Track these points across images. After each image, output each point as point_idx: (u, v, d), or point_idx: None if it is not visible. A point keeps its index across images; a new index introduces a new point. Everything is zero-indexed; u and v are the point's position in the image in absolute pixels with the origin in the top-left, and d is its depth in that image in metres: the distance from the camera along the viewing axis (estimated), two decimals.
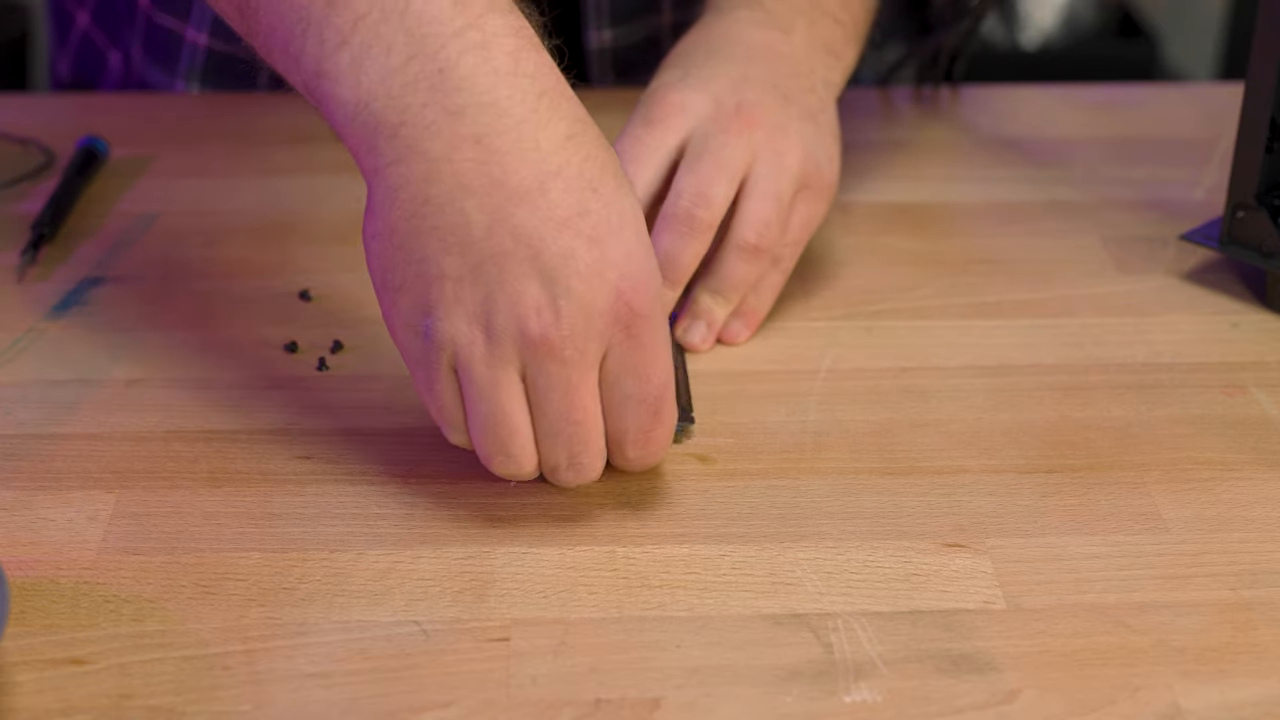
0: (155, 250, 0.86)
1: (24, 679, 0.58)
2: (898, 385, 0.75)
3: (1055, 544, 0.65)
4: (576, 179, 0.60)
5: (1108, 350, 0.78)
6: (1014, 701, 0.57)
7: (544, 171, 0.59)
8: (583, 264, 0.59)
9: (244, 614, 0.61)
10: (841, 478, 0.69)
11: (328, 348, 0.77)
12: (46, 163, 0.95)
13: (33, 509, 0.66)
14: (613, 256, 0.60)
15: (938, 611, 0.61)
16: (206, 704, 0.57)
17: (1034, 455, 0.70)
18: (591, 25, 1.01)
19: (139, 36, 1.07)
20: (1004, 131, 1.01)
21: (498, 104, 0.59)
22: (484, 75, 0.59)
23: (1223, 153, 0.96)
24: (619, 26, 1.02)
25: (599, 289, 0.60)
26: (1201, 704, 0.57)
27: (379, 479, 0.68)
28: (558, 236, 0.59)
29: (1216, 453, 0.71)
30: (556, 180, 0.59)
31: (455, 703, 0.57)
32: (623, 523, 0.66)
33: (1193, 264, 0.85)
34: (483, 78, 0.59)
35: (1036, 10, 2.19)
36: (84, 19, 1.11)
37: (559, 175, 0.59)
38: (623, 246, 0.60)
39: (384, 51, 0.59)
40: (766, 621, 0.61)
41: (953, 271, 0.85)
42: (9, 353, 0.77)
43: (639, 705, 0.57)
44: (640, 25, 1.04)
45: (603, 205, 0.60)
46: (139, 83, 1.08)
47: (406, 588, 0.62)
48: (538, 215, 0.59)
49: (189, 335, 0.78)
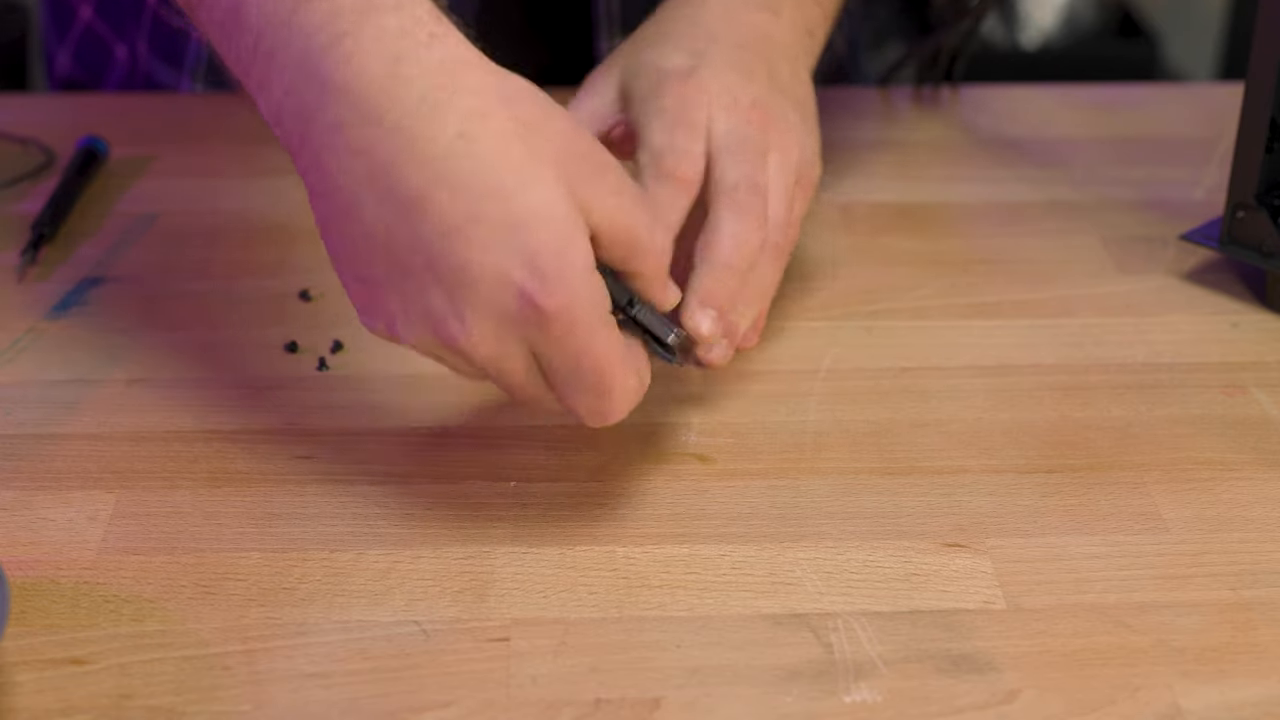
0: (155, 250, 0.86)
1: (24, 679, 0.58)
2: (898, 385, 0.75)
3: (1055, 544, 0.65)
4: (467, 182, 0.57)
5: (1108, 350, 0.78)
6: (1014, 701, 0.57)
7: (427, 179, 0.57)
8: (479, 272, 0.57)
9: (244, 614, 0.61)
10: (841, 478, 0.69)
11: (328, 348, 0.77)
12: (46, 163, 0.95)
13: (33, 509, 0.66)
14: (515, 259, 0.57)
15: (938, 611, 0.61)
16: (206, 704, 0.57)
17: (1034, 455, 0.70)
18: (603, 34, 1.01)
19: (145, 32, 1.07)
20: (1004, 131, 1.01)
21: (374, 113, 0.57)
22: (360, 86, 0.57)
23: (1223, 153, 0.96)
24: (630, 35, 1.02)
25: (502, 294, 0.57)
26: (1201, 704, 0.57)
27: (379, 479, 0.68)
28: (450, 247, 0.57)
29: (1216, 453, 0.71)
30: (441, 188, 0.57)
31: (455, 703, 0.57)
32: (623, 523, 0.66)
33: (1193, 264, 0.85)
34: (359, 89, 0.57)
35: (1036, 10, 2.19)
36: (87, 12, 1.10)
37: (444, 182, 0.57)
38: (528, 245, 0.57)
39: (278, 71, 0.59)
40: (766, 621, 0.61)
41: (953, 271, 0.85)
42: (9, 353, 0.77)
43: (639, 705, 0.57)
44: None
45: (499, 206, 0.57)
46: (145, 77, 1.08)
47: (406, 588, 0.62)
48: (427, 225, 0.57)
49: (189, 335, 0.78)
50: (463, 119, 0.57)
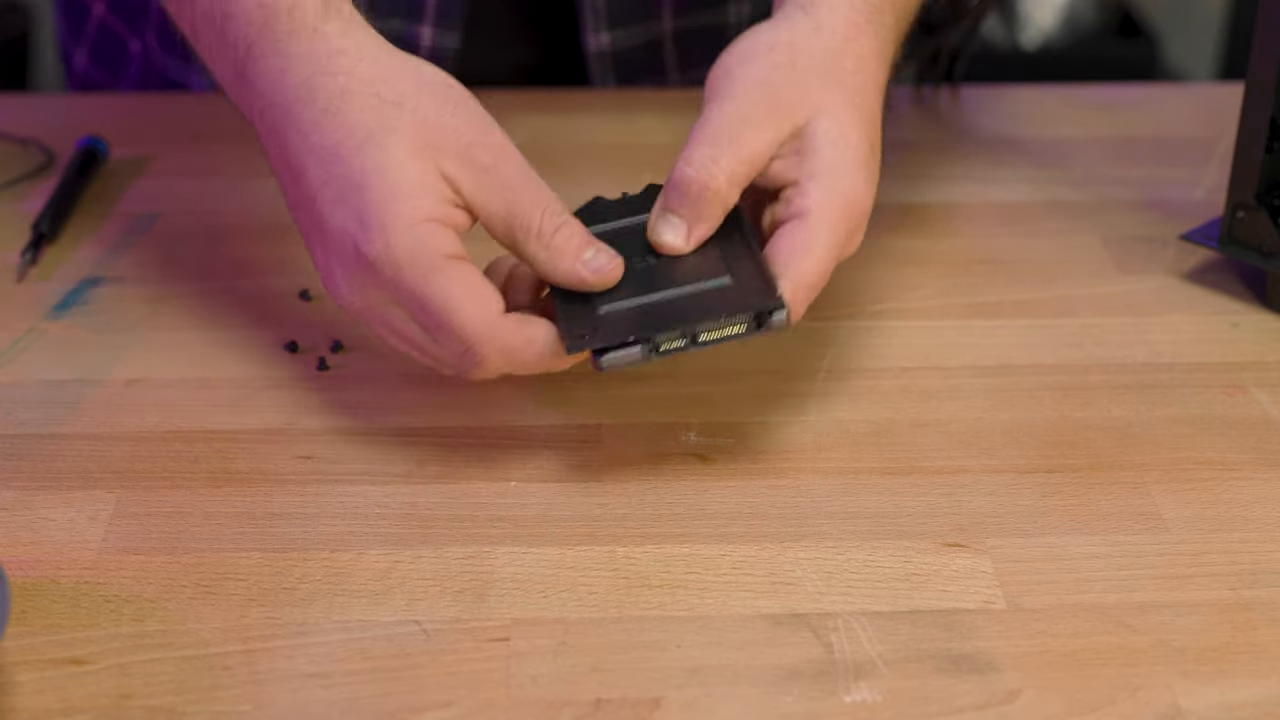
0: (155, 250, 0.86)
1: (24, 679, 0.58)
2: (898, 385, 0.75)
3: (1055, 544, 0.65)
4: (326, 150, 0.64)
5: (1108, 350, 0.78)
6: (1014, 701, 0.57)
7: (301, 150, 0.65)
8: (330, 228, 0.64)
9: (244, 614, 0.61)
10: (841, 478, 0.69)
11: (328, 348, 0.77)
12: (47, 163, 0.95)
13: (33, 509, 0.66)
14: (351, 215, 0.63)
15: (938, 611, 0.61)
16: (207, 704, 0.57)
17: (1034, 455, 0.70)
18: (589, 28, 1.01)
19: (153, 27, 1.07)
20: (1004, 131, 1.01)
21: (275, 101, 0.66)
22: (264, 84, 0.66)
23: (1223, 153, 0.96)
24: (618, 29, 1.02)
25: (345, 247, 0.64)
26: (1201, 704, 0.57)
27: (379, 479, 0.68)
28: (317, 208, 0.65)
29: (1216, 453, 0.71)
30: (309, 156, 0.65)
31: (455, 702, 0.57)
32: (623, 523, 0.66)
33: (1193, 264, 0.85)
34: (263, 86, 0.66)
35: (1036, 10, 2.19)
36: (100, 8, 1.10)
37: (311, 151, 0.65)
38: (361, 201, 0.63)
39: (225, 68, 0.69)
40: (766, 621, 0.61)
41: (953, 271, 0.85)
42: (10, 353, 0.77)
43: (639, 705, 0.57)
44: (640, 29, 1.03)
45: (344, 168, 0.64)
46: (159, 72, 1.09)
47: (407, 587, 0.62)
48: (304, 190, 0.65)
49: (189, 335, 0.78)
50: (329, 98, 0.65)
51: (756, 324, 0.64)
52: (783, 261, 0.66)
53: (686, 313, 0.64)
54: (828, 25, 0.71)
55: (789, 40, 0.70)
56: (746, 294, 0.64)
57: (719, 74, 0.70)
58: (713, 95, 0.69)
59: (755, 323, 0.64)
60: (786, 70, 0.69)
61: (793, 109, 0.68)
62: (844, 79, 0.70)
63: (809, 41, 0.70)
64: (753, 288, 0.64)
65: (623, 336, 0.63)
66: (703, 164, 0.66)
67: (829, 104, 0.69)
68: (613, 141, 0.98)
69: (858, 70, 0.71)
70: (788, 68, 0.69)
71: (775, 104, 0.68)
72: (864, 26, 0.72)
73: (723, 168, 0.66)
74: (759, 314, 0.64)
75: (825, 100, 0.69)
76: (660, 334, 0.63)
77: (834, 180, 0.68)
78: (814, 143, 0.68)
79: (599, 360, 0.64)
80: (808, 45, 0.70)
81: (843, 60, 0.70)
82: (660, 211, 0.67)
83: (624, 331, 0.63)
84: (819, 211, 0.67)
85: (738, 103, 0.68)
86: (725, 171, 0.66)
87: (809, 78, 0.69)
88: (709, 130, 0.67)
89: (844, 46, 0.71)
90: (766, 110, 0.68)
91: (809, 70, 0.69)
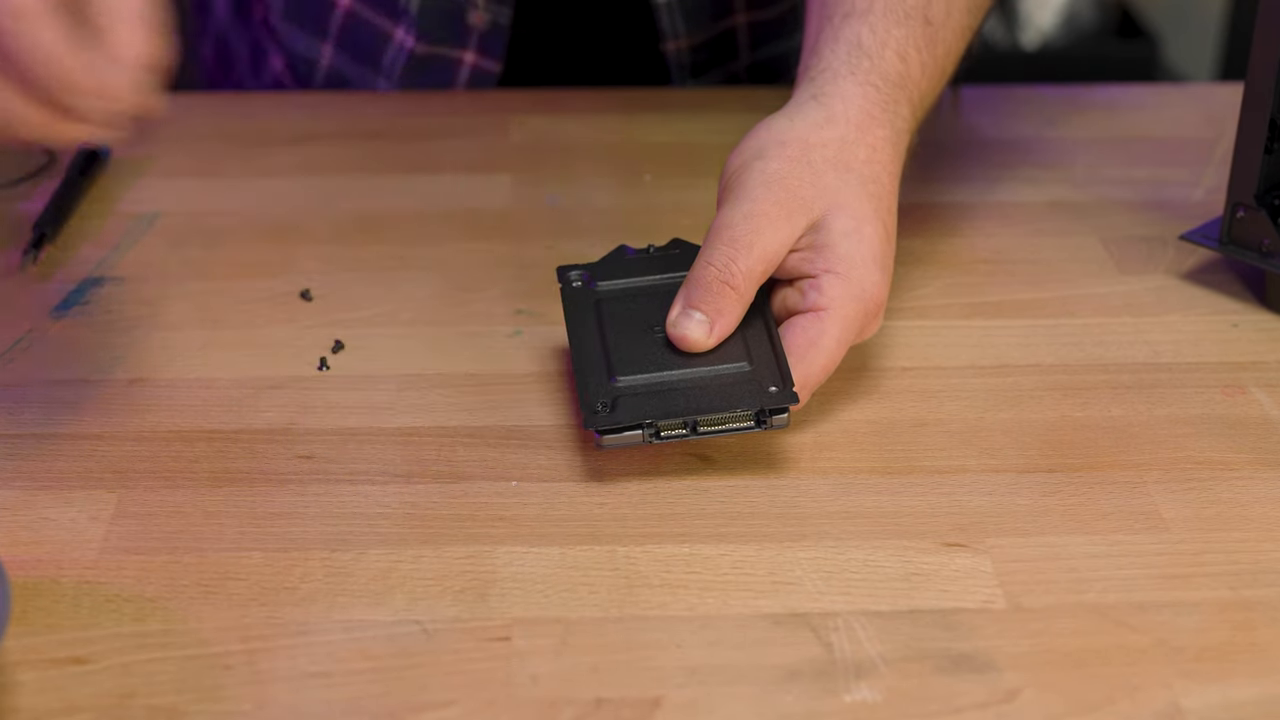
0: (156, 250, 0.86)
1: (26, 678, 0.58)
2: (898, 385, 0.75)
3: (1055, 543, 0.65)
4: None
5: (1108, 350, 0.78)
6: (1014, 701, 0.57)
7: None
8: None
9: (245, 613, 0.61)
10: (841, 478, 0.69)
11: (328, 348, 0.77)
12: (48, 162, 0.95)
13: (34, 508, 0.66)
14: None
15: (938, 611, 0.61)
16: (208, 703, 0.57)
17: (1034, 455, 0.70)
18: (669, 36, 1.02)
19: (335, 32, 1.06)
20: (1004, 131, 1.01)
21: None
22: None
23: (1223, 153, 0.96)
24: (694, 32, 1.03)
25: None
26: (1201, 704, 0.57)
27: (379, 479, 0.68)
28: None
29: (1216, 452, 0.71)
30: None
31: (456, 702, 0.57)
32: (623, 522, 0.66)
33: (1192, 264, 0.85)
34: None
35: (1036, 10, 2.19)
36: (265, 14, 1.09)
37: None
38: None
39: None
40: (766, 621, 0.61)
41: (953, 271, 0.85)
42: (11, 352, 0.77)
43: (639, 705, 0.57)
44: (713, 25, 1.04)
45: None
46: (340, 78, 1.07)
47: (407, 587, 0.62)
48: None
49: (189, 335, 0.78)
50: None
51: (757, 422, 0.66)
52: (797, 355, 0.68)
53: (698, 400, 0.66)
54: (840, 115, 0.73)
55: (802, 135, 0.72)
56: (761, 387, 0.67)
57: (734, 169, 0.72)
58: (728, 192, 0.71)
59: (757, 421, 0.66)
60: (800, 165, 0.71)
61: (808, 204, 0.70)
62: (858, 169, 0.72)
63: (822, 133, 0.72)
64: (768, 380, 0.67)
65: (635, 419, 0.66)
66: (723, 264, 0.68)
67: (844, 198, 0.71)
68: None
69: (871, 160, 0.73)
70: (801, 162, 0.71)
71: (790, 201, 0.70)
72: (878, 116, 0.74)
73: (741, 268, 0.68)
74: (763, 412, 0.66)
75: (840, 194, 0.71)
76: (664, 420, 0.66)
77: (849, 276, 0.70)
78: (829, 238, 0.70)
79: (600, 438, 0.66)
80: (820, 137, 0.72)
81: (856, 150, 0.72)
82: (683, 309, 0.69)
83: (638, 414, 0.66)
84: (833, 309, 0.69)
85: (755, 202, 0.70)
86: (743, 272, 0.68)
87: (824, 171, 0.71)
88: (727, 232, 0.69)
89: (857, 136, 0.73)
90: (782, 208, 0.70)
91: (823, 163, 0.71)
